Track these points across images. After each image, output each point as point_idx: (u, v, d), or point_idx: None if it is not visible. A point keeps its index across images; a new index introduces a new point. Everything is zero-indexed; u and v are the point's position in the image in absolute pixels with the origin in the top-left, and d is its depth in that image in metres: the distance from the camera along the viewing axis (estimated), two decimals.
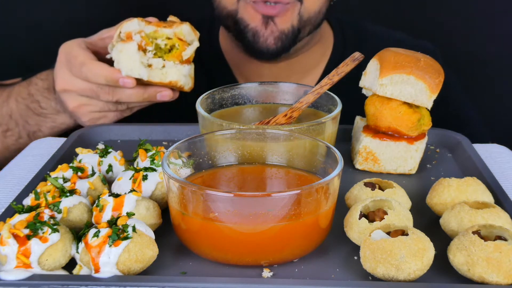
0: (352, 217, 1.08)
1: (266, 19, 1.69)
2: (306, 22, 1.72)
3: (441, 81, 1.33)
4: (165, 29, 1.51)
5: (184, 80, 1.54)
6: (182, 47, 1.52)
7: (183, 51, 1.52)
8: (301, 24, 1.72)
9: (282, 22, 1.69)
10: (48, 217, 1.04)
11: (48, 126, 1.69)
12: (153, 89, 1.54)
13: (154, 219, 1.10)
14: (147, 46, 1.50)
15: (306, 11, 1.71)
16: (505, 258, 0.96)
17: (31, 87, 1.69)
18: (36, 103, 1.68)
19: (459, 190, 1.15)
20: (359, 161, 1.39)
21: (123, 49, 1.48)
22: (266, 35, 1.70)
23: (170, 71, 1.52)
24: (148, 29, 1.50)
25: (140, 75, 1.49)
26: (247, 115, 1.49)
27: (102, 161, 1.27)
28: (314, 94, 1.39)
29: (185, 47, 1.52)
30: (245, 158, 1.23)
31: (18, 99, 1.70)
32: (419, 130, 1.35)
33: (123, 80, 1.48)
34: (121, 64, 1.49)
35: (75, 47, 1.55)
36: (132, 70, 1.48)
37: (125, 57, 1.48)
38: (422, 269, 0.98)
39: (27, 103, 1.69)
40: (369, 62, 1.38)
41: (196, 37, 1.54)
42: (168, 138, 1.55)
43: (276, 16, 1.68)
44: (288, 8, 1.68)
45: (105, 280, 0.97)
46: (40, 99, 1.67)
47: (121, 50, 1.48)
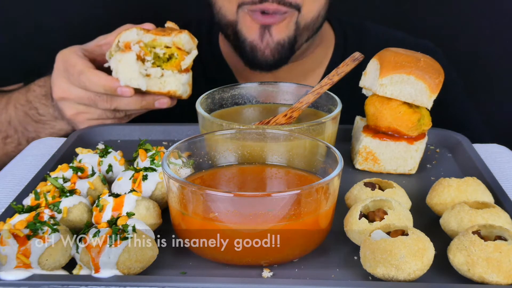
0: (352, 217, 1.08)
1: (263, 29, 1.67)
2: (303, 29, 1.71)
3: (441, 81, 1.33)
4: (163, 37, 1.51)
5: (183, 89, 1.54)
6: (181, 56, 1.52)
7: (182, 61, 1.52)
8: (298, 32, 1.70)
9: (278, 32, 1.68)
10: (48, 217, 1.04)
11: (46, 132, 1.69)
12: (151, 97, 1.55)
13: (154, 219, 1.10)
14: (146, 56, 1.50)
15: (303, 19, 1.69)
16: (505, 258, 0.96)
17: (29, 93, 1.69)
18: (34, 110, 1.68)
19: (459, 190, 1.15)
20: (359, 161, 1.39)
21: (122, 59, 1.49)
22: (263, 48, 1.69)
23: (168, 80, 1.52)
24: (146, 38, 1.50)
25: (138, 85, 1.50)
26: (247, 115, 1.49)
27: (102, 161, 1.27)
28: (314, 94, 1.39)
29: (184, 56, 1.52)
30: (245, 158, 1.23)
31: (16, 105, 1.70)
32: (419, 130, 1.35)
33: (121, 89, 1.49)
34: (119, 74, 1.49)
35: (73, 55, 1.55)
36: (131, 80, 1.49)
37: (123, 67, 1.48)
38: (422, 269, 0.98)
39: (25, 109, 1.69)
40: (369, 62, 1.38)
41: (194, 45, 1.54)
42: (168, 138, 1.55)
43: (273, 25, 1.67)
44: (286, 17, 1.66)
45: (105, 280, 0.97)
46: (38, 106, 1.67)
47: (120, 60, 1.49)
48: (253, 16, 1.67)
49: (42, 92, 1.67)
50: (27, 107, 1.69)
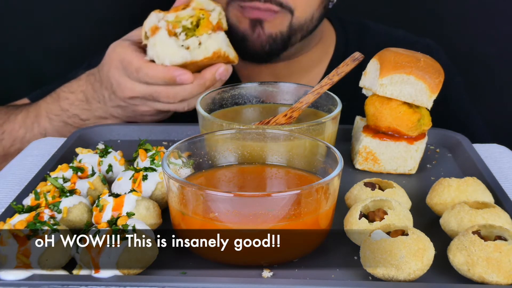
0: (352, 217, 1.08)
1: (254, 22, 1.67)
2: (297, 30, 1.71)
3: (441, 81, 1.33)
4: (183, 11, 1.50)
5: (226, 48, 1.52)
6: (207, 15, 1.50)
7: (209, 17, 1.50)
8: (291, 32, 1.70)
9: (270, 27, 1.67)
10: (48, 217, 1.04)
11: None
12: (209, 73, 1.52)
13: (154, 219, 1.10)
14: (175, 28, 1.48)
15: (297, 21, 1.69)
16: (505, 258, 0.96)
17: (62, 102, 1.67)
18: (75, 117, 1.66)
19: (459, 190, 1.15)
20: (359, 161, 1.39)
21: (156, 41, 1.47)
22: (253, 38, 1.68)
23: (207, 43, 1.50)
24: (168, 17, 1.49)
25: (183, 58, 1.47)
26: (247, 115, 1.49)
27: (102, 161, 1.27)
28: (314, 94, 1.39)
29: (210, 13, 1.51)
30: (245, 158, 1.23)
31: (50, 116, 1.69)
32: (419, 130, 1.35)
33: (180, 78, 1.47)
34: (160, 56, 1.47)
35: (127, 52, 1.52)
36: (173, 56, 1.46)
37: (161, 47, 1.47)
38: (422, 269, 0.98)
39: (63, 119, 1.67)
40: (369, 62, 1.38)
41: (215, 4, 1.53)
42: (168, 138, 1.54)
43: (264, 21, 1.66)
44: (278, 16, 1.65)
45: (105, 280, 0.97)
46: (78, 112, 1.66)
47: (154, 43, 1.47)
48: (244, 11, 1.66)
49: (80, 98, 1.65)
50: (64, 116, 1.67)
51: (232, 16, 1.68)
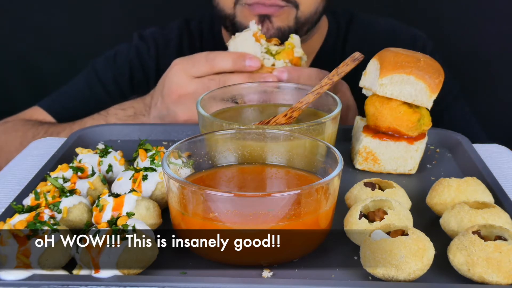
0: (352, 217, 1.08)
1: (263, 18, 1.70)
2: (303, 23, 1.75)
3: (441, 81, 1.33)
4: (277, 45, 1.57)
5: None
6: (293, 46, 1.55)
7: (294, 48, 1.55)
8: (298, 26, 1.74)
9: (278, 21, 1.71)
10: (48, 217, 1.04)
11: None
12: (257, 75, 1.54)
13: (154, 219, 1.10)
14: (261, 38, 1.54)
15: (302, 15, 1.73)
16: (505, 258, 0.96)
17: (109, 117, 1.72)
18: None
19: (459, 190, 1.15)
20: (359, 161, 1.39)
21: (240, 38, 1.54)
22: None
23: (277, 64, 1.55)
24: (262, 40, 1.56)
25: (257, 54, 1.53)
26: (247, 115, 1.49)
27: (102, 161, 1.27)
28: (314, 94, 1.39)
29: (295, 45, 1.56)
30: (245, 158, 1.23)
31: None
32: (419, 130, 1.35)
33: (250, 62, 1.50)
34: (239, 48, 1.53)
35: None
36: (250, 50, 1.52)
37: (241, 43, 1.53)
38: (422, 269, 0.98)
39: None
40: (369, 61, 1.38)
41: (304, 54, 1.58)
42: (168, 138, 1.54)
43: (272, 16, 1.70)
44: (284, 10, 1.70)
45: (105, 280, 0.97)
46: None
47: (237, 39, 1.54)
48: (251, 8, 1.70)
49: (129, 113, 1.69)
50: None
51: (240, 15, 1.72)
